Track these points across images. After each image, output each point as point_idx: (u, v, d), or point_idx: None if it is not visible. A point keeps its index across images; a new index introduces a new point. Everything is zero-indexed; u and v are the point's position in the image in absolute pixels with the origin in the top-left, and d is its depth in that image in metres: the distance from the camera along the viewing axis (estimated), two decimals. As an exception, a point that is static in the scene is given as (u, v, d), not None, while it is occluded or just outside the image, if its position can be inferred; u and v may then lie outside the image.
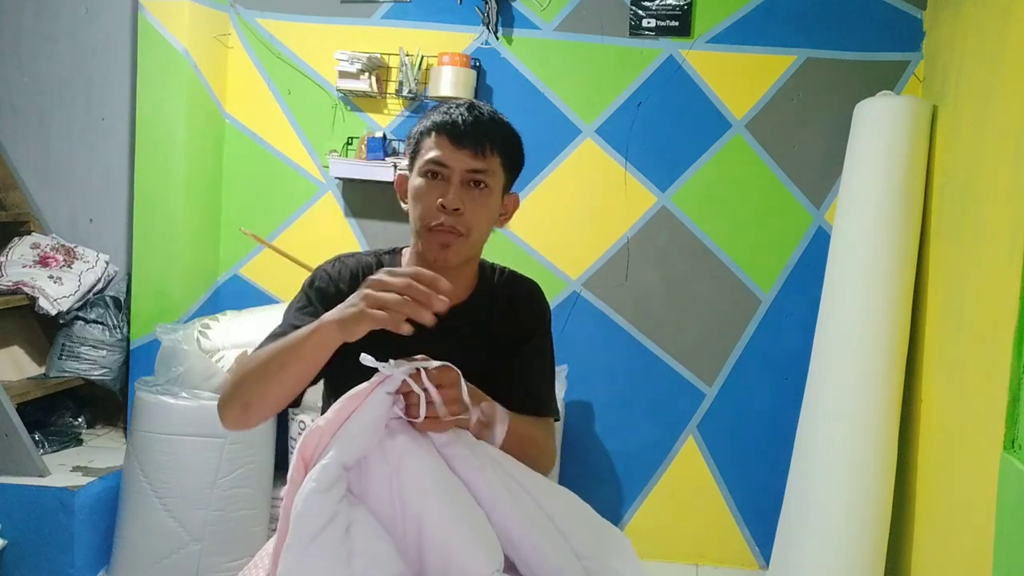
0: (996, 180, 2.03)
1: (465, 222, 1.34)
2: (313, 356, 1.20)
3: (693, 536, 3.01)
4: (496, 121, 1.38)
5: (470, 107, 1.37)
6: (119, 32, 3.16)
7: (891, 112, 2.56)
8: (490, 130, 1.36)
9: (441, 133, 1.35)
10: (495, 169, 1.37)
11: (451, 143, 1.34)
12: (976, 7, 2.32)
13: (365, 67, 2.93)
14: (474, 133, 1.34)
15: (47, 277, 2.95)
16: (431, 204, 1.34)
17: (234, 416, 1.27)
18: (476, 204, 1.35)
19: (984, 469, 1.88)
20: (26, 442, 2.53)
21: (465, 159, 1.34)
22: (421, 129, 1.39)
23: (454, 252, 1.35)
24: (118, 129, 3.19)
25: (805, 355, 2.76)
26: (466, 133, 1.34)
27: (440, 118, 1.36)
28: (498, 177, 1.38)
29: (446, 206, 1.32)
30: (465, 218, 1.34)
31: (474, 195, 1.35)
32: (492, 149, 1.35)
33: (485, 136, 1.35)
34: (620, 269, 3.01)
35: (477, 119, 1.35)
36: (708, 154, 2.95)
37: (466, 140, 1.34)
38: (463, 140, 1.34)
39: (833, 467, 2.47)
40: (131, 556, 2.48)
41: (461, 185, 1.34)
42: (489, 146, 1.35)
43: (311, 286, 1.43)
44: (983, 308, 2.04)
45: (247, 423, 1.28)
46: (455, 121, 1.34)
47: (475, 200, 1.35)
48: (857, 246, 2.56)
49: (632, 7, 2.96)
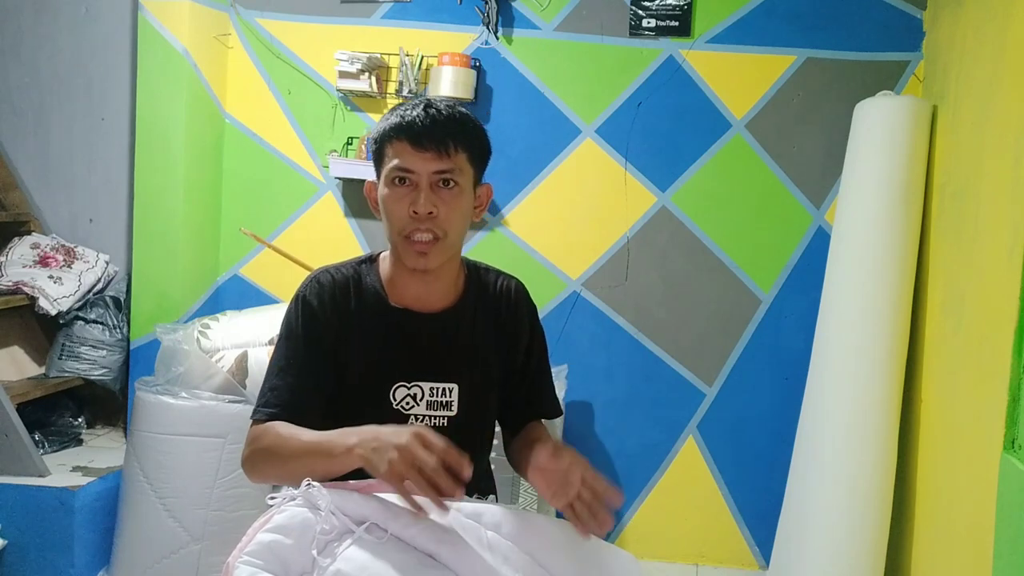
0: (996, 180, 2.03)
1: (440, 224, 1.32)
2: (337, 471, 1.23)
3: (693, 536, 3.01)
4: (455, 116, 1.34)
5: (426, 106, 1.33)
6: (119, 32, 3.16)
7: (891, 112, 2.55)
8: (451, 127, 1.32)
9: (401, 138, 1.31)
10: (462, 166, 1.34)
11: (412, 147, 1.30)
12: (976, 7, 2.32)
13: (365, 67, 2.93)
14: (435, 133, 1.30)
15: (47, 277, 2.95)
16: (403, 213, 1.32)
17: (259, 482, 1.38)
18: (448, 205, 1.32)
19: (984, 469, 1.88)
20: (26, 442, 2.53)
21: (430, 161, 1.31)
22: (380, 135, 1.35)
23: (433, 257, 1.34)
24: (118, 129, 3.19)
25: (805, 355, 2.76)
26: (426, 134, 1.30)
27: (398, 121, 1.32)
28: (467, 172, 1.35)
29: (419, 212, 1.30)
30: (440, 220, 1.32)
31: (445, 195, 1.32)
32: (456, 146, 1.32)
33: (447, 134, 1.31)
34: (620, 269, 3.01)
35: (435, 118, 1.31)
36: (708, 154, 2.95)
37: (428, 142, 1.30)
38: (424, 142, 1.30)
39: (833, 467, 2.47)
40: (131, 556, 2.48)
41: (430, 188, 1.31)
42: (452, 144, 1.31)
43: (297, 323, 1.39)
44: (983, 308, 2.04)
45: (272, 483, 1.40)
46: (413, 123, 1.31)
47: (447, 201, 1.32)
48: (857, 246, 2.56)
49: (632, 7, 2.95)
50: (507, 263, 1.55)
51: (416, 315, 1.41)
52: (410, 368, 1.40)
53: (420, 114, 1.31)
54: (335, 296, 1.40)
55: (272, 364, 1.39)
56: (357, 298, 1.41)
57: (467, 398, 1.42)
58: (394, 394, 1.39)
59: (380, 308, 1.41)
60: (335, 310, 1.39)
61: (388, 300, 1.41)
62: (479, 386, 1.43)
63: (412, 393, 1.39)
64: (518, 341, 1.47)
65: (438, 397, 1.40)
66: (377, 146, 1.36)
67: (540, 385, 1.52)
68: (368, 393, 1.39)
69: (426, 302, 1.41)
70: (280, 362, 1.38)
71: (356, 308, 1.40)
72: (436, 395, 1.40)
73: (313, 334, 1.38)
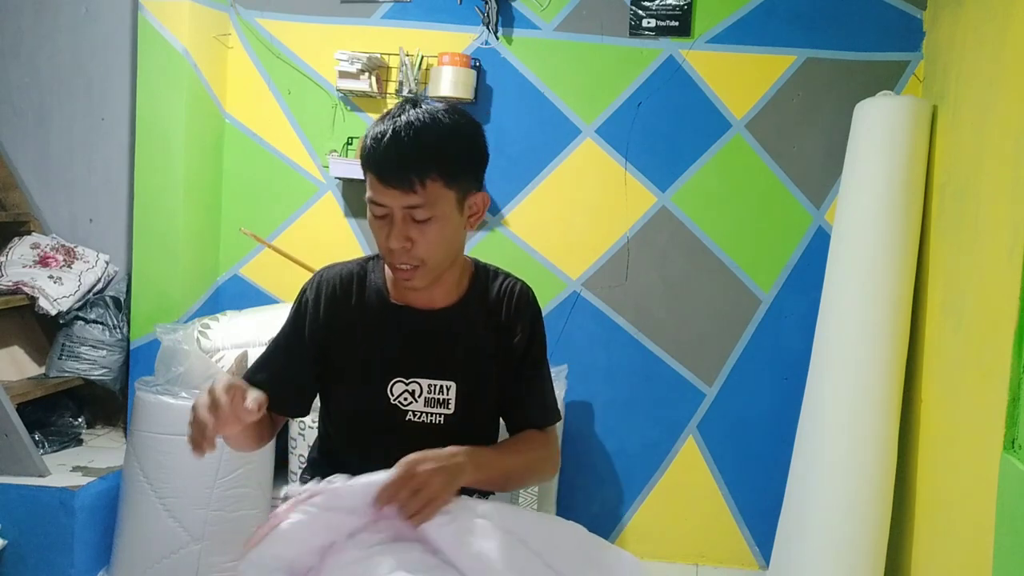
0: (996, 180, 2.03)
1: (417, 254, 1.31)
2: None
3: (693, 536, 3.01)
4: (422, 144, 1.27)
5: (392, 136, 1.26)
6: (119, 32, 3.16)
7: (891, 112, 2.55)
8: (416, 160, 1.26)
9: (370, 171, 1.30)
10: (435, 195, 1.28)
11: (381, 184, 1.28)
12: (976, 7, 2.32)
13: (365, 67, 2.93)
14: (398, 171, 1.26)
15: (47, 277, 2.95)
16: (382, 243, 1.33)
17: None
18: (424, 235, 1.30)
19: (984, 469, 1.88)
20: (26, 442, 2.53)
21: (397, 197, 1.27)
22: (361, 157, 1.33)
23: (418, 280, 1.35)
24: (118, 129, 3.19)
25: (805, 355, 2.76)
26: (391, 172, 1.26)
27: (369, 151, 1.29)
28: (442, 199, 1.29)
29: (393, 248, 1.30)
30: (416, 250, 1.31)
31: (419, 228, 1.30)
32: (423, 180, 1.26)
33: (411, 170, 1.26)
34: (620, 269, 3.01)
35: (399, 152, 1.26)
36: (708, 154, 2.95)
37: (392, 180, 1.26)
38: (390, 180, 1.27)
39: (833, 467, 2.47)
40: (131, 556, 2.48)
41: (403, 221, 1.29)
42: (418, 179, 1.26)
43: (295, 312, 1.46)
44: (983, 308, 2.04)
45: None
46: (380, 159, 1.27)
47: (422, 232, 1.30)
48: (857, 246, 2.56)
49: (632, 7, 2.95)
50: (507, 263, 1.55)
51: (417, 312, 1.43)
52: (409, 364, 1.41)
53: (388, 145, 1.26)
54: (335, 293, 1.44)
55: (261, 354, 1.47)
56: (359, 294, 1.44)
57: (464, 397, 1.42)
58: (391, 389, 1.40)
59: (381, 304, 1.44)
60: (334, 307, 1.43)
61: (390, 297, 1.44)
62: (476, 385, 1.44)
63: (410, 389, 1.41)
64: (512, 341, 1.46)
65: (435, 394, 1.41)
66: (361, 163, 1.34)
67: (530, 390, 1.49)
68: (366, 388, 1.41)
69: (427, 300, 1.43)
70: (265, 354, 1.46)
71: (358, 304, 1.44)
72: (434, 392, 1.41)
73: (302, 331, 1.43)
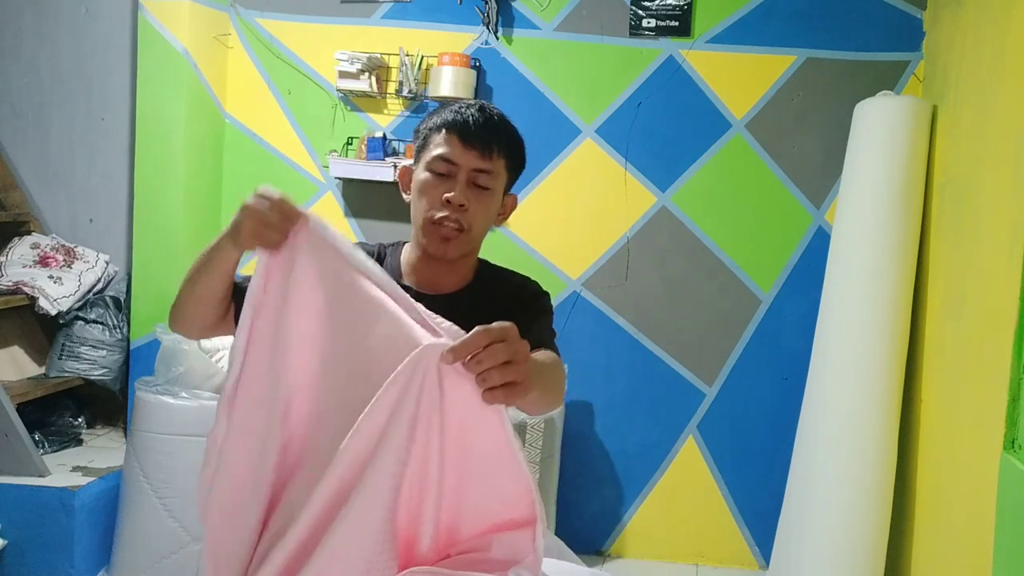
0: (996, 180, 2.03)
1: (468, 218, 1.39)
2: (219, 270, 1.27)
3: (693, 536, 3.01)
4: (504, 124, 1.43)
5: (481, 108, 1.42)
6: (119, 32, 3.16)
7: (891, 112, 2.56)
8: (498, 132, 1.41)
9: (452, 131, 1.39)
10: (499, 170, 1.41)
11: (461, 142, 1.38)
12: (976, 7, 2.32)
13: (365, 67, 2.93)
14: (483, 134, 1.39)
15: (47, 277, 2.95)
16: (436, 198, 1.39)
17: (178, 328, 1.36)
18: (479, 203, 1.40)
19: (984, 469, 1.88)
20: (26, 442, 2.53)
21: (473, 158, 1.38)
22: (432, 125, 1.43)
23: (454, 246, 1.40)
24: (118, 129, 3.19)
25: (805, 355, 2.76)
26: (476, 134, 1.38)
27: (452, 116, 1.40)
28: (501, 178, 1.42)
29: (452, 201, 1.37)
30: (468, 214, 1.39)
31: (478, 194, 1.40)
32: (499, 151, 1.40)
33: (493, 138, 1.39)
34: (620, 269, 3.01)
35: (487, 121, 1.40)
36: (708, 154, 2.95)
37: (475, 140, 1.38)
38: (472, 140, 1.38)
39: (833, 467, 2.48)
40: (131, 556, 2.48)
41: (467, 183, 1.39)
42: (496, 148, 1.40)
43: None
44: (983, 308, 2.04)
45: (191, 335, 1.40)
46: (467, 121, 1.39)
47: (478, 199, 1.40)
48: (857, 246, 2.56)
49: (632, 7, 2.95)
50: (507, 263, 1.55)
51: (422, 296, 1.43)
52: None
53: (475, 113, 1.40)
54: None
55: None
56: None
57: None
58: None
59: None
60: None
61: (402, 279, 1.47)
62: None
63: None
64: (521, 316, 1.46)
65: None
66: (425, 134, 1.43)
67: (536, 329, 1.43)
68: None
69: (434, 286, 1.46)
70: None
71: None
72: None
73: None
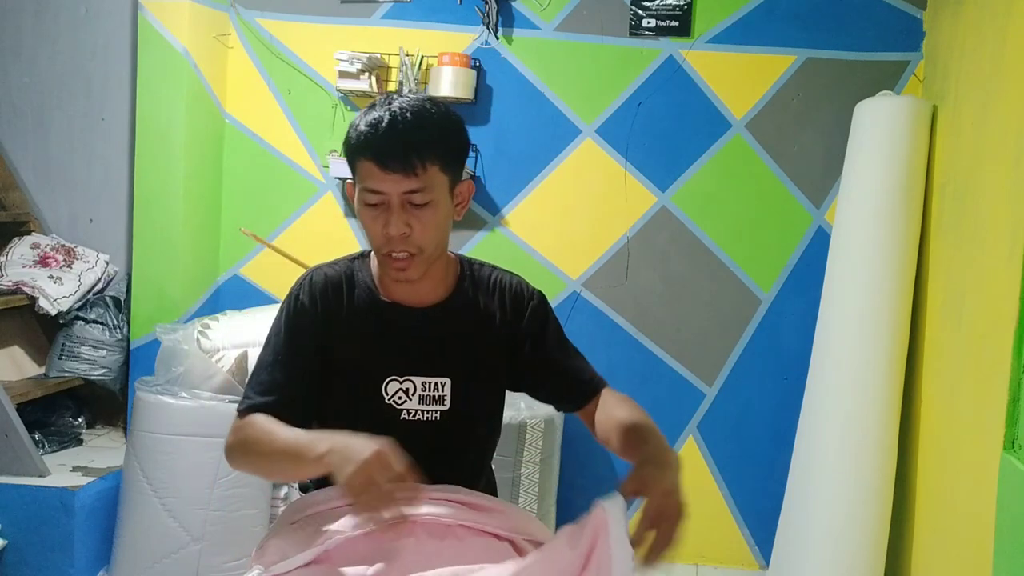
0: (996, 180, 2.03)
1: (415, 242, 1.32)
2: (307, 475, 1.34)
3: (693, 536, 2.97)
4: (421, 126, 1.29)
5: (392, 120, 1.28)
6: (119, 32, 3.16)
7: (891, 112, 2.56)
8: (417, 143, 1.28)
9: (368, 159, 1.29)
10: (434, 179, 1.30)
11: (380, 169, 1.27)
12: (976, 7, 2.32)
13: (365, 67, 2.93)
14: (400, 153, 1.27)
15: (47, 277, 2.95)
16: (378, 233, 1.32)
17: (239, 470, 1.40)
18: (422, 222, 1.31)
19: (984, 469, 1.88)
20: (26, 442, 2.53)
21: (397, 182, 1.28)
22: (349, 148, 1.33)
23: (414, 269, 1.35)
24: (118, 129, 3.19)
25: (805, 355, 2.76)
26: (392, 154, 1.27)
27: (365, 139, 1.29)
28: (439, 183, 1.31)
29: (392, 235, 1.30)
30: (414, 238, 1.31)
31: (417, 213, 1.30)
32: (424, 162, 1.28)
33: (413, 152, 1.27)
34: (620, 269, 3.01)
35: (401, 136, 1.27)
36: (708, 154, 2.95)
37: (394, 163, 1.27)
38: (391, 164, 1.27)
39: (833, 467, 2.48)
40: (131, 556, 2.48)
41: (402, 207, 1.29)
42: (419, 162, 1.27)
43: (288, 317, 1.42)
44: (983, 308, 2.04)
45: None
46: (380, 145, 1.27)
47: (420, 218, 1.31)
48: (857, 246, 2.56)
49: (632, 7, 2.95)
50: (507, 263, 1.55)
51: (407, 310, 1.42)
52: (402, 362, 1.40)
53: (385, 131, 1.27)
54: (327, 293, 1.42)
55: (260, 358, 1.42)
56: (349, 294, 1.43)
57: (460, 392, 1.42)
58: (386, 388, 1.40)
59: (371, 303, 1.42)
60: (326, 307, 1.41)
61: (379, 295, 1.43)
62: (473, 380, 1.43)
63: (404, 387, 1.40)
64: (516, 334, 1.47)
65: (430, 391, 1.41)
66: (347, 157, 1.34)
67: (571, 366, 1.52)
68: (361, 388, 1.40)
69: (417, 297, 1.43)
70: (268, 357, 1.41)
71: (348, 304, 1.42)
72: (428, 389, 1.41)
73: (301, 331, 1.41)
